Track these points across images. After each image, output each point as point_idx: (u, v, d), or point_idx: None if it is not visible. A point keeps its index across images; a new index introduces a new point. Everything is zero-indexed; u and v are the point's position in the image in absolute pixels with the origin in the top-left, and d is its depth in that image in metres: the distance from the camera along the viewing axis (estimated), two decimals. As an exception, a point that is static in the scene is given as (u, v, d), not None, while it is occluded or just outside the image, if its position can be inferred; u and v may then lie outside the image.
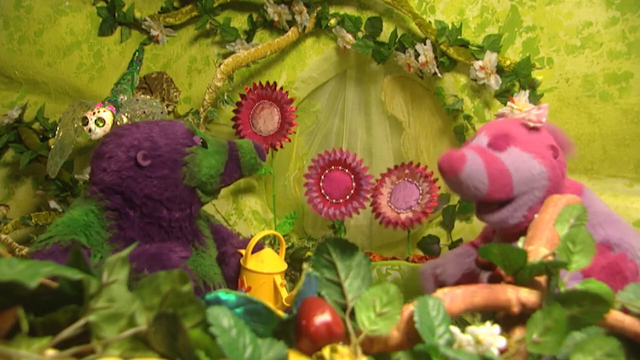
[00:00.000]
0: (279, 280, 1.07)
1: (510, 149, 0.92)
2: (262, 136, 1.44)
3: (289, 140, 1.44)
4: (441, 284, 1.07)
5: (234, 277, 1.11)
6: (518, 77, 1.26)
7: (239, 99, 1.43)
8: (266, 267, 1.07)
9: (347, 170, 1.40)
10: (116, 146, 1.01)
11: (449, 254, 1.13)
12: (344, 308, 0.49)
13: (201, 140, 1.05)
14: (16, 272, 0.37)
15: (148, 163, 0.99)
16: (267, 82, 1.41)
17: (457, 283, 1.05)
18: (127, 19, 1.62)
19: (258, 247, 1.10)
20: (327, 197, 1.41)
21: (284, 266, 1.11)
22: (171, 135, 1.02)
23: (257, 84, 1.42)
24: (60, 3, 1.68)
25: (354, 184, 1.38)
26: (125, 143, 1.01)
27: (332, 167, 1.40)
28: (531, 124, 0.94)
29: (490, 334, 0.45)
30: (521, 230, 0.90)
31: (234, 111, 1.45)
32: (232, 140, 1.11)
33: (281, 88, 1.41)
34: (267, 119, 1.43)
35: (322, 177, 1.42)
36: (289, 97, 1.42)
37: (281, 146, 1.43)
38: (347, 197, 1.39)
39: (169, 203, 1.02)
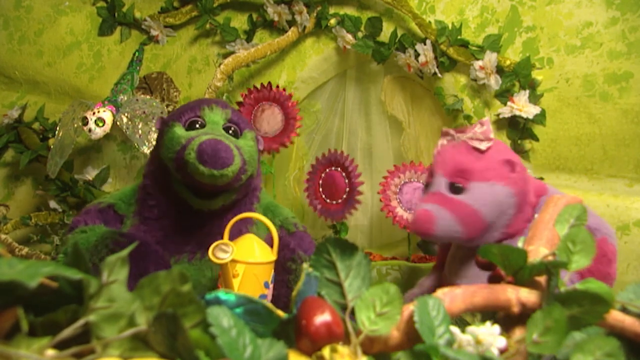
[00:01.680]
0: (238, 269, 0.89)
1: (470, 186, 0.93)
2: (270, 137, 1.42)
3: (298, 135, 1.43)
4: None
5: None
6: (518, 77, 1.26)
7: (238, 105, 1.43)
8: (243, 253, 0.91)
9: (344, 174, 1.39)
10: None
11: (423, 282, 1.12)
12: (344, 308, 0.49)
13: (194, 121, 1.00)
14: (16, 272, 0.37)
15: (158, 127, 1.03)
16: (262, 84, 1.40)
17: None
18: (127, 19, 1.62)
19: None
20: (324, 197, 1.41)
21: (269, 256, 0.93)
22: (181, 111, 1.02)
23: (252, 88, 1.41)
24: (60, 3, 1.68)
25: (347, 189, 1.36)
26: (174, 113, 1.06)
27: (331, 168, 1.39)
28: (482, 147, 0.94)
29: (490, 334, 0.45)
30: (522, 228, 0.95)
31: (239, 103, 1.44)
32: (218, 138, 0.94)
33: (277, 87, 1.41)
34: (270, 120, 1.42)
35: (322, 177, 1.41)
36: (287, 93, 1.41)
37: (292, 142, 1.42)
38: (340, 200, 1.38)
39: (155, 177, 1.02)
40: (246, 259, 0.91)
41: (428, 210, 0.92)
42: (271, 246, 0.97)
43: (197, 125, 1.00)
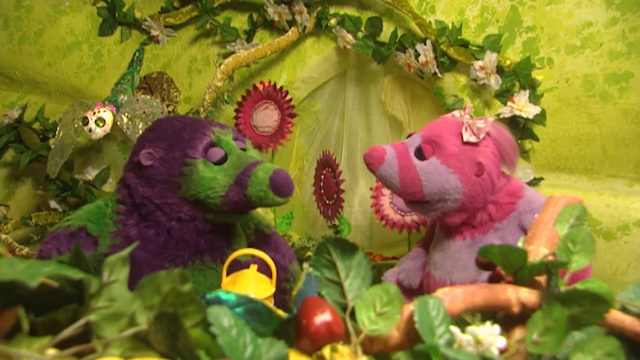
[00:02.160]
0: None
1: (431, 160, 0.96)
2: (263, 136, 1.43)
3: (288, 139, 1.44)
4: (407, 288, 1.11)
5: None
6: (518, 77, 1.26)
7: (240, 100, 1.43)
8: (237, 289, 0.93)
9: (333, 173, 1.38)
10: (140, 138, 1.01)
11: (406, 259, 1.15)
12: (344, 308, 0.49)
13: (222, 153, 0.97)
14: (17, 271, 0.37)
15: (149, 163, 0.95)
16: (262, 82, 1.41)
17: (421, 284, 1.08)
18: (127, 19, 1.63)
19: (245, 265, 0.99)
20: (325, 198, 1.41)
21: (263, 292, 0.93)
22: (182, 140, 0.96)
23: (259, 84, 1.41)
24: (60, 3, 1.68)
25: (335, 188, 1.36)
26: (146, 137, 0.99)
27: (327, 169, 1.39)
28: (464, 138, 0.95)
29: (490, 334, 0.45)
30: (457, 224, 0.99)
31: (235, 110, 1.44)
32: (257, 162, 0.96)
33: (281, 87, 1.41)
34: (266, 119, 1.43)
35: (321, 180, 1.41)
36: (287, 97, 1.41)
37: (281, 144, 1.43)
38: (333, 200, 1.37)
39: (167, 209, 0.96)
40: None
41: (385, 151, 0.98)
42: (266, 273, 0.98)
43: (217, 156, 0.96)
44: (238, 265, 1.00)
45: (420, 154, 0.97)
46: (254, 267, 0.97)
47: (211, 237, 1.01)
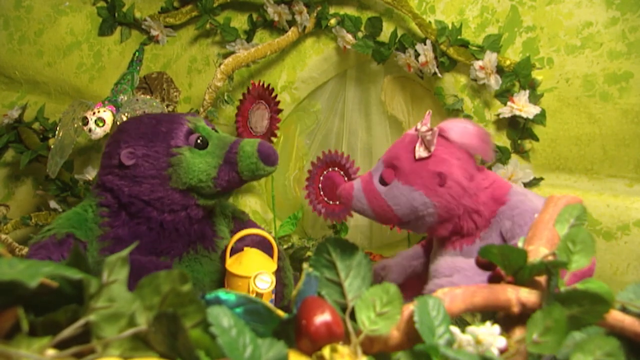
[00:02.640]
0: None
1: (393, 184, 0.96)
2: (259, 136, 1.44)
3: (277, 136, 1.44)
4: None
5: None
6: (518, 77, 1.26)
7: (244, 93, 1.43)
8: (243, 269, 0.98)
9: (342, 172, 1.39)
10: (113, 141, 1.01)
11: (399, 256, 1.15)
12: (344, 308, 0.49)
13: (200, 138, 0.99)
14: (16, 271, 0.37)
15: (132, 162, 0.96)
16: (268, 85, 1.41)
17: (401, 286, 1.06)
18: (127, 19, 1.63)
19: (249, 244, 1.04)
20: (326, 199, 1.41)
21: (270, 267, 1.00)
22: (161, 134, 0.97)
23: (262, 83, 1.41)
24: (60, 3, 1.68)
25: None
26: (119, 138, 0.99)
27: (330, 168, 1.39)
28: (416, 155, 0.94)
29: (490, 334, 0.45)
30: (446, 235, 0.98)
31: (240, 100, 1.44)
32: (238, 139, 1.01)
33: (269, 85, 1.41)
34: (259, 119, 1.43)
35: (321, 178, 1.41)
36: (279, 107, 1.41)
37: (275, 136, 1.43)
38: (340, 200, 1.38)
39: (157, 204, 0.97)
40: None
41: (353, 187, 0.99)
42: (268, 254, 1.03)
43: (200, 140, 0.99)
44: (232, 251, 1.03)
45: (382, 181, 0.97)
46: (254, 250, 1.02)
47: (200, 226, 1.04)
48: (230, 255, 1.04)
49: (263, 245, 1.05)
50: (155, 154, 0.96)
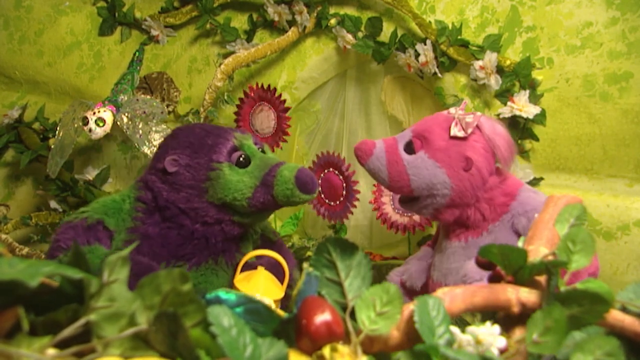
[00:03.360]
0: None
1: (419, 154, 0.96)
2: (265, 138, 1.43)
3: (281, 148, 1.43)
4: (409, 290, 1.11)
5: None
6: (518, 77, 1.26)
7: (241, 98, 1.43)
8: (249, 288, 0.97)
9: (337, 172, 1.38)
10: (164, 144, 1.03)
11: (412, 259, 1.15)
12: (344, 307, 0.49)
13: (242, 157, 0.99)
14: (17, 271, 0.37)
15: (174, 170, 0.97)
16: (269, 86, 1.41)
17: (424, 285, 1.07)
18: (127, 19, 1.63)
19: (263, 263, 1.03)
20: (327, 200, 1.41)
21: (274, 294, 0.98)
22: (206, 146, 0.98)
23: (260, 84, 1.41)
24: (60, 3, 1.68)
25: (344, 185, 1.36)
26: (168, 144, 1.01)
27: (326, 170, 1.39)
28: (452, 132, 0.95)
29: (490, 334, 0.45)
30: (450, 221, 0.99)
31: (237, 106, 1.44)
32: (280, 163, 0.99)
33: (280, 95, 1.41)
34: (264, 121, 1.43)
35: (321, 178, 1.41)
36: (285, 105, 1.41)
37: (285, 141, 1.42)
38: (341, 199, 1.38)
39: (192, 214, 0.98)
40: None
41: (374, 144, 0.99)
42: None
43: (242, 158, 0.99)
44: (245, 267, 1.02)
45: (409, 148, 0.98)
46: (262, 270, 1.00)
47: (227, 240, 1.03)
48: (244, 271, 1.03)
49: (278, 268, 1.03)
50: (197, 165, 0.97)
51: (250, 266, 1.03)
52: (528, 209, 0.95)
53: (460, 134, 0.95)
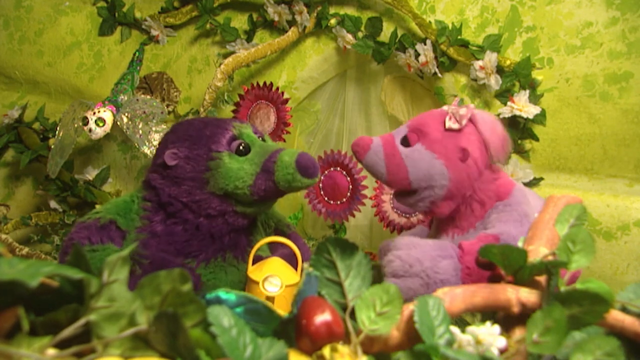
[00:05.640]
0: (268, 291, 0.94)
1: (416, 147, 0.97)
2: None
3: (284, 141, 1.44)
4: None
5: None
6: (518, 77, 1.26)
7: (237, 102, 1.43)
8: (261, 275, 0.96)
9: (344, 172, 1.39)
10: (163, 140, 1.03)
11: (405, 233, 1.18)
12: (344, 307, 0.49)
13: (242, 145, 0.98)
14: (17, 271, 0.37)
15: (174, 163, 0.97)
16: (265, 83, 1.41)
17: None
18: (127, 19, 1.63)
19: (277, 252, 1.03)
20: (327, 199, 1.41)
21: (289, 278, 0.96)
22: (205, 137, 0.98)
23: (255, 84, 1.41)
24: (60, 3, 1.68)
25: (350, 187, 1.37)
26: (167, 139, 1.02)
27: (331, 169, 1.39)
28: (446, 125, 0.96)
29: (490, 334, 0.45)
30: (446, 215, 0.99)
31: (233, 111, 1.45)
32: (280, 149, 0.98)
33: (277, 88, 1.41)
34: (264, 119, 1.43)
35: (321, 180, 1.41)
36: (284, 97, 1.41)
37: (288, 133, 1.42)
38: (345, 199, 1.38)
39: (194, 207, 0.98)
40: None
41: (371, 140, 1.00)
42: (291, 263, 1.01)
43: (242, 147, 0.99)
44: (258, 260, 1.02)
45: (405, 142, 0.99)
46: (277, 258, 1.00)
47: (235, 234, 1.03)
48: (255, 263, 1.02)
49: (293, 258, 1.02)
50: (196, 156, 0.97)
51: (262, 260, 1.03)
52: (508, 209, 0.95)
53: (455, 126, 0.96)
